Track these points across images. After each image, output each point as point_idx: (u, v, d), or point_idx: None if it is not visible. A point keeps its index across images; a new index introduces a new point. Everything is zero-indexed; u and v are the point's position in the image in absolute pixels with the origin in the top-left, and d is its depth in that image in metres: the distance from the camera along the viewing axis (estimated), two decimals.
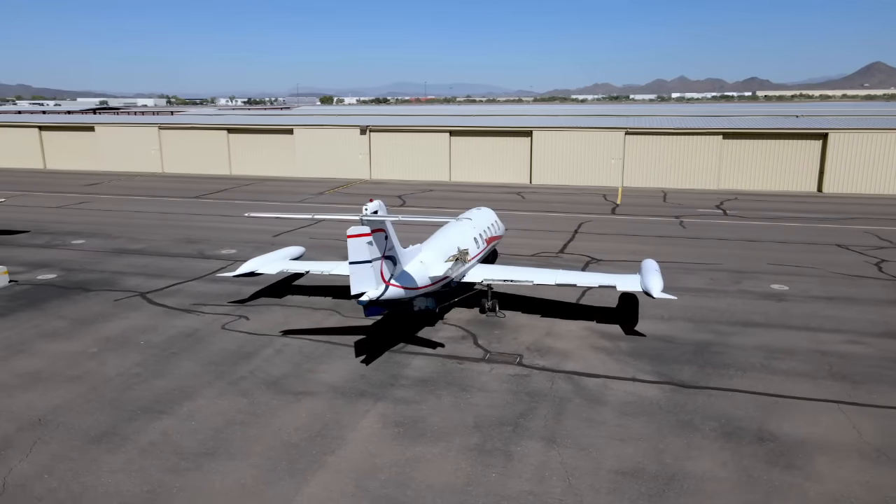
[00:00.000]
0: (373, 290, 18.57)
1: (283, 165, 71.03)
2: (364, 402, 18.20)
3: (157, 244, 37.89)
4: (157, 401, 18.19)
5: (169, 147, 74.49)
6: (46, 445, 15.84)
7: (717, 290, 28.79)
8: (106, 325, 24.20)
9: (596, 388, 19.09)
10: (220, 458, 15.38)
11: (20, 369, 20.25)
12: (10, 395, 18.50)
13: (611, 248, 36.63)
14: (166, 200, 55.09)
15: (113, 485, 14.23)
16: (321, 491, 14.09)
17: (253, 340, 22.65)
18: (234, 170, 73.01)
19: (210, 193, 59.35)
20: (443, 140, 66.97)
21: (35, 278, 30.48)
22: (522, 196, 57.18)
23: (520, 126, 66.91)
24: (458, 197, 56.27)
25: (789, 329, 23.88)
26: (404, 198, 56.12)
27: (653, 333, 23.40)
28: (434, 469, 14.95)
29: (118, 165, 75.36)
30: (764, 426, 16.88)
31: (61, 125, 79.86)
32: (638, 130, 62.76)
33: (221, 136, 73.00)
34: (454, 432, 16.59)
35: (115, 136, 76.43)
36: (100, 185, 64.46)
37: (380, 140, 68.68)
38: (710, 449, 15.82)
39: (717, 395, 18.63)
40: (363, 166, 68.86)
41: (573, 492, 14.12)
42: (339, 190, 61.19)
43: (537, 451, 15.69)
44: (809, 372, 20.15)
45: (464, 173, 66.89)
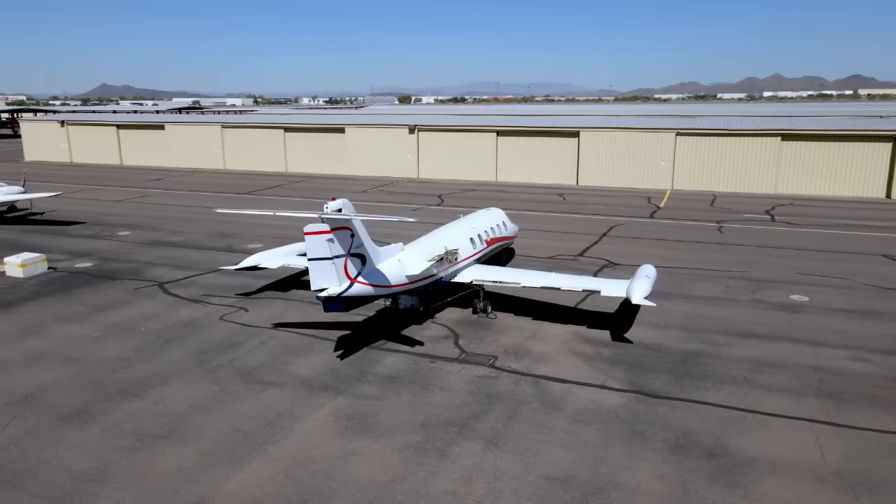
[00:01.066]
0: (334, 286, 19.06)
1: (335, 163, 72.94)
2: (325, 395, 18.73)
3: (192, 237, 39.93)
4: (135, 384, 19.37)
5: (230, 145, 77.94)
6: (23, 420, 17.22)
7: (728, 298, 27.65)
8: (118, 311, 25.84)
9: (559, 394, 18.86)
10: (171, 440, 16.26)
11: (28, 349, 22.00)
12: (10, 372, 20.16)
13: (634, 253, 35.71)
14: (218, 196, 57.73)
15: (66, 459, 15.35)
16: (251, 477, 14.69)
17: (244, 332, 23.63)
18: (289, 167, 75.57)
19: (261, 190, 61.76)
20: (489, 140, 66.94)
21: (72, 266, 32.83)
22: (564, 197, 56.42)
23: (567, 126, 65.97)
24: (498, 197, 56.11)
25: (791, 342, 22.70)
26: (443, 197, 56.53)
27: (641, 340, 22.80)
28: (366, 464, 15.27)
29: (185, 162, 79.54)
30: (721, 441, 16.24)
31: (136, 124, 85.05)
32: (689, 131, 60.64)
33: (278, 134, 75.72)
34: (399, 429, 16.84)
35: (182, 134, 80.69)
36: (163, 181, 68.29)
37: (428, 139, 69.39)
38: (654, 461, 15.39)
39: (682, 407, 18.03)
40: (411, 165, 69.77)
41: (494, 495, 14.11)
42: (382, 188, 62.30)
43: (474, 453, 15.73)
44: (794, 388, 19.15)
45: (510, 174, 66.62)
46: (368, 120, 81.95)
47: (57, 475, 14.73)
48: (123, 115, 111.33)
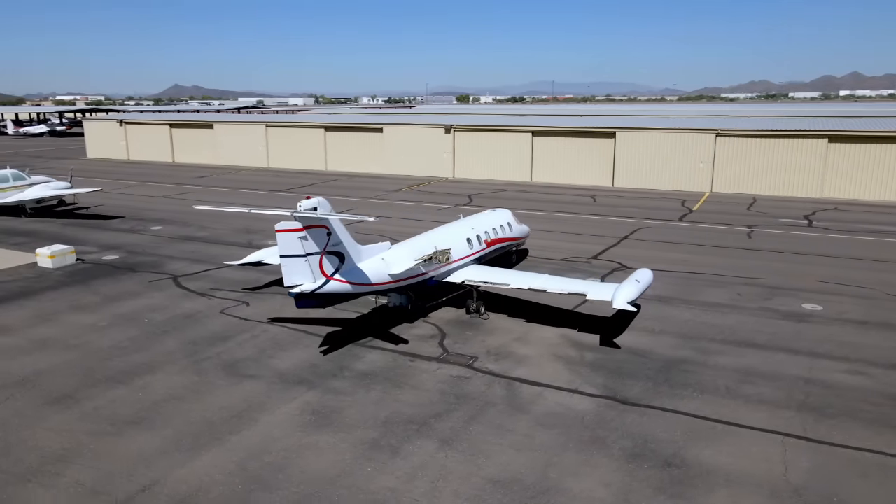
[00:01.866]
0: (308, 283, 19.49)
1: (373, 162, 73.94)
2: (298, 389, 19.19)
3: (218, 233, 41.33)
4: (124, 372, 20.32)
5: (274, 144, 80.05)
6: (14, 402, 18.34)
7: (736, 305, 26.76)
8: (128, 302, 27.08)
9: (529, 397, 18.75)
10: (141, 427, 17.03)
11: (36, 335, 23.36)
12: (13, 357, 21.46)
13: (650, 256, 34.93)
14: (256, 193, 59.46)
15: (41, 440, 16.29)
16: (205, 465, 15.24)
17: (239, 325, 24.39)
18: (329, 166, 77.05)
19: (298, 187, 63.26)
20: (525, 140, 66.52)
21: (100, 258, 34.53)
22: (595, 199, 55.57)
23: (603, 127, 64.88)
24: (528, 198, 55.82)
25: (788, 353, 21.84)
26: (473, 197, 56.56)
27: (630, 346, 22.38)
28: (317, 458, 15.61)
29: (231, 160, 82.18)
30: (681, 451, 15.85)
31: (187, 122, 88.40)
32: (730, 132, 58.70)
33: (319, 133, 77.31)
34: (360, 425, 17.11)
35: (229, 133, 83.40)
36: (207, 178, 70.79)
37: (463, 139, 69.51)
38: (605, 468, 15.16)
39: (652, 415, 17.66)
40: (447, 165, 70.05)
41: (433, 494, 14.21)
42: (416, 187, 62.80)
43: (426, 452, 15.86)
44: (776, 400, 18.46)
45: (545, 174, 66.03)
46: (407, 119, 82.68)
47: (28, 454, 15.66)
48: (176, 114, 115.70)
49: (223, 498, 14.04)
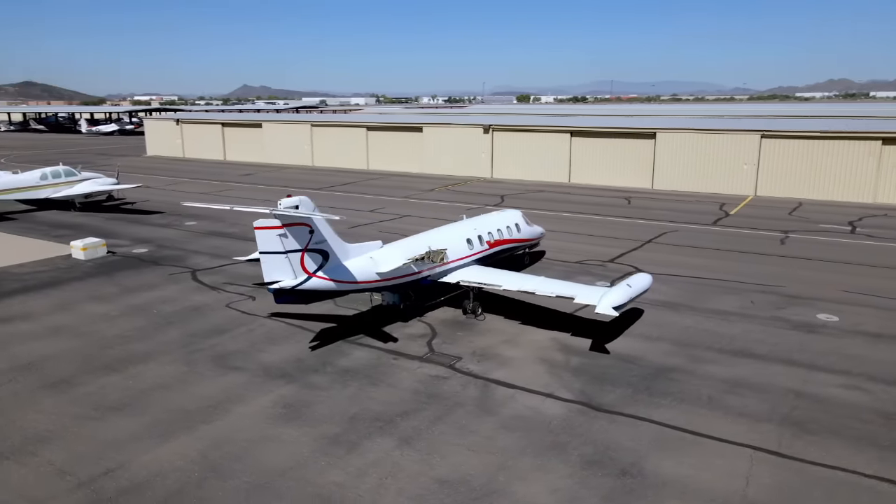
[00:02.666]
0: (289, 280, 19.96)
1: (413, 162, 74.56)
2: (277, 383, 19.70)
3: (247, 229, 42.48)
4: (121, 360, 21.33)
5: (319, 143, 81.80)
6: (14, 384, 19.54)
7: (745, 314, 25.84)
8: (144, 294, 28.34)
9: (501, 399, 18.68)
10: (122, 413, 17.87)
11: (51, 323, 24.77)
12: (25, 342, 22.84)
13: (669, 261, 34.07)
14: (296, 192, 60.84)
15: (28, 422, 17.32)
16: (169, 452, 15.88)
17: (240, 319, 25.18)
18: (371, 165, 78.14)
19: (336, 186, 64.50)
20: (563, 141, 65.75)
21: (130, 252, 36.22)
22: (629, 201, 54.44)
23: (643, 127, 63.43)
24: (561, 199, 55.22)
25: (787, 364, 20.97)
26: (505, 197, 56.33)
27: (620, 352, 21.96)
28: (276, 450, 16.03)
29: (278, 158, 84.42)
30: (641, 461, 15.51)
31: (238, 122, 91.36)
32: (776, 133, 56.43)
33: (361, 133, 78.52)
34: (326, 420, 17.45)
35: (276, 132, 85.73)
36: (252, 176, 73.00)
37: (502, 139, 69.27)
38: (558, 474, 15.00)
39: (621, 423, 17.33)
40: (485, 165, 69.96)
41: (378, 490, 14.40)
42: (450, 187, 63.01)
43: (383, 449, 16.05)
44: (758, 413, 17.79)
45: (583, 175, 65.06)
46: (447, 119, 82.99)
47: (13, 434, 16.69)
48: (228, 113, 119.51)
49: (177, 484, 14.61)
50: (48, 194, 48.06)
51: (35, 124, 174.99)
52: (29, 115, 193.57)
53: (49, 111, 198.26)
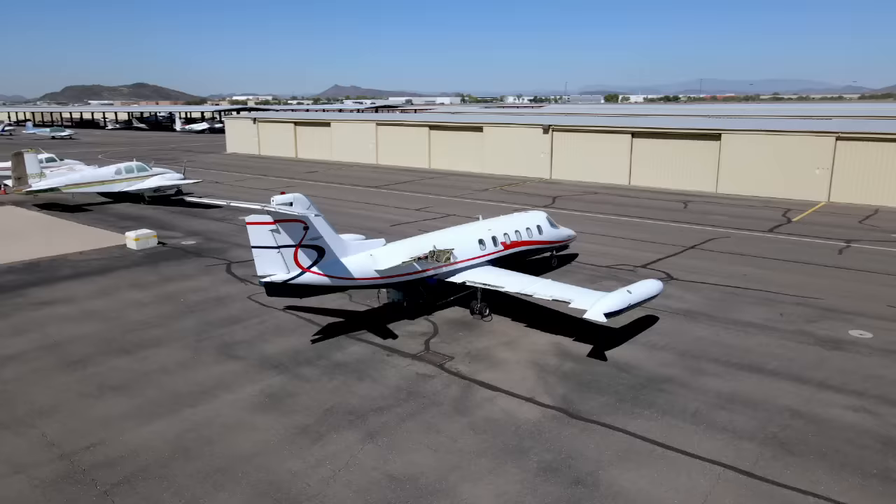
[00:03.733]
0: (281, 274, 20.64)
1: (472, 162, 74.73)
2: (270, 373, 20.48)
3: None
4: (136, 344, 22.78)
5: (383, 142, 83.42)
6: (37, 362, 21.28)
7: (769, 326, 24.48)
8: (177, 283, 30.05)
9: (479, 401, 18.64)
10: (121, 393, 19.11)
11: (88, 307, 26.74)
12: (60, 324, 24.78)
13: (708, 268, 32.65)
14: (352, 189, 62.56)
15: (37, 396, 18.85)
16: (150, 432, 16.87)
17: (256, 310, 26.24)
18: (433, 164, 78.91)
19: (393, 184, 65.61)
20: (623, 142, 64.02)
21: (179, 243, 38.40)
22: (686, 205, 52.41)
23: (709, 128, 60.81)
24: (615, 201, 53.90)
25: (795, 381, 19.77)
26: (557, 199, 55.55)
27: (618, 359, 21.38)
28: (246, 436, 16.71)
29: (345, 156, 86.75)
30: (599, 471, 15.13)
31: (308, 121, 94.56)
32: (853, 135, 52.71)
33: (424, 132, 79.43)
34: (302, 411, 18.01)
35: (344, 130, 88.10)
36: (316, 173, 75.39)
37: (562, 140, 68.25)
38: (509, 479, 14.88)
39: (593, 431, 16.93)
40: (544, 166, 69.17)
41: (327, 481, 14.78)
42: (505, 188, 62.73)
43: (346, 442, 16.42)
44: (744, 430, 16.91)
45: (644, 178, 63.13)
46: (507, 119, 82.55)
47: (20, 406, 18.23)
48: (301, 112, 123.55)
49: (147, 461, 15.54)
50: (122, 188, 51.64)
51: (137, 123, 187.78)
52: (133, 114, 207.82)
53: (150, 111, 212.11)
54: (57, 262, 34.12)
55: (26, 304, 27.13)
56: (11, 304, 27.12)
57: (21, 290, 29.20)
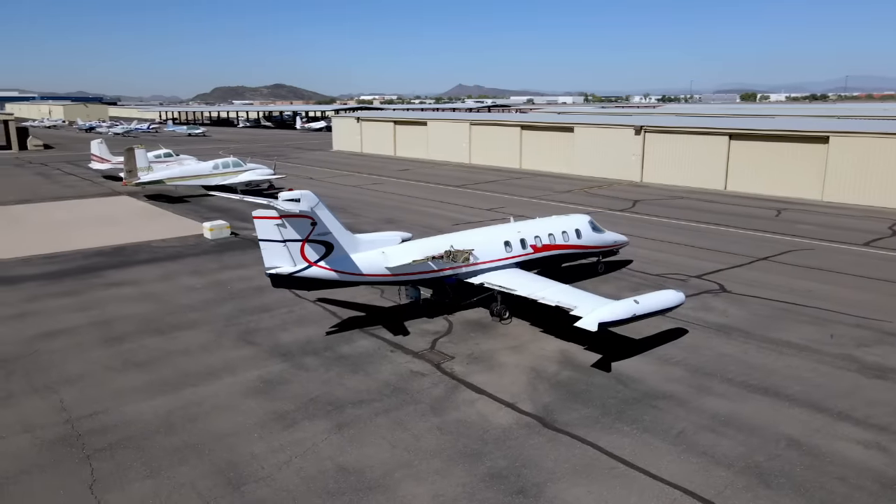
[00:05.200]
0: (287, 267, 21.58)
1: (562, 162, 73.38)
2: (274, 360, 21.56)
3: (361, 220, 45.79)
4: (172, 325, 24.75)
5: (476, 141, 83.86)
6: (84, 336, 23.71)
7: (810, 347, 22.46)
8: (232, 272, 32.16)
9: (458, 402, 18.64)
10: (140, 369, 20.91)
11: (147, 289, 29.34)
12: (117, 304, 27.39)
13: (770, 282, 30.26)
14: (433, 187, 63.58)
15: (69, 366, 21.03)
16: (148, 406, 18.38)
17: (289, 300, 27.54)
18: (523, 165, 78.30)
19: (479, 183, 65.92)
20: (720, 144, 60.25)
21: (251, 234, 40.84)
22: (779, 213, 48.57)
23: (815, 130, 55.86)
24: (699, 207, 51.05)
25: (811, 408, 18.09)
26: (639, 203, 53.42)
27: (623, 371, 20.52)
28: (228, 417, 17.77)
29: (440, 155, 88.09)
30: (548, 483, 14.76)
31: (407, 120, 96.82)
32: None
33: (515, 132, 78.97)
34: (287, 399, 18.84)
35: (439, 129, 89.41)
36: (407, 171, 77.16)
37: (654, 141, 65.39)
38: (453, 481, 14.87)
39: (560, 443, 16.47)
40: (634, 168, 66.61)
41: (280, 466, 15.47)
42: (589, 190, 61.12)
43: (314, 431, 17.04)
44: (724, 457, 15.78)
45: (742, 182, 59.09)
46: (598, 120, 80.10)
47: (53, 373, 20.48)
48: (401, 112, 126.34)
49: (134, 432, 16.98)
50: (218, 181, 55.77)
51: (264, 121, 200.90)
52: (261, 113, 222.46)
53: (277, 110, 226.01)
54: (140, 247, 37.62)
55: (98, 284, 30.24)
56: (87, 284, 30.34)
57: (100, 271, 32.55)
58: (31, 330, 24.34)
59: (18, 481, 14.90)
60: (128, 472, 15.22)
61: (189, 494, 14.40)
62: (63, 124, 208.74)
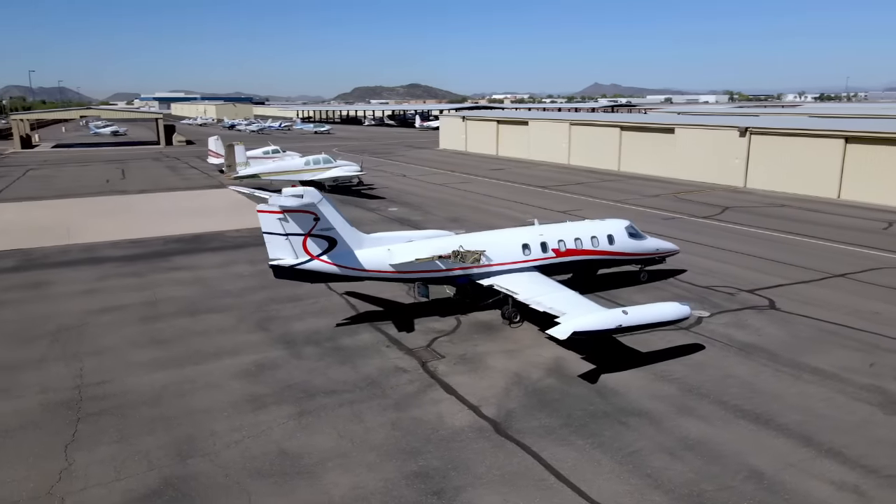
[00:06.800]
0: (289, 259, 22.62)
1: (662, 165, 69.96)
2: (278, 347, 22.79)
3: (430, 218, 46.58)
4: (205, 309, 26.83)
5: (576, 142, 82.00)
6: (126, 314, 26.32)
7: (839, 376, 20.26)
8: None
9: (426, 401, 18.80)
10: (159, 346, 22.94)
11: (200, 275, 31.92)
12: (170, 286, 30.09)
13: (833, 302, 27.41)
14: (518, 187, 63.17)
15: (99, 340, 23.47)
16: (147, 380, 20.14)
17: (318, 292, 28.66)
18: (622, 167, 75.55)
19: (564, 185, 64.63)
20: (834, 147, 54.78)
21: None
22: (889, 226, 43.44)
23: None
24: (799, 217, 46.89)
25: (800, 441, 16.45)
26: (729, 210, 49.92)
27: (608, 384, 19.70)
28: (210, 396, 19.11)
29: (540, 156, 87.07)
30: (468, 488, 14.67)
31: (509, 119, 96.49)
32: None
33: (615, 133, 76.32)
34: (269, 384, 19.90)
35: (540, 129, 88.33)
36: (501, 171, 77.04)
37: (761, 144, 60.64)
38: (378, 475, 15.16)
39: (502, 449, 16.23)
40: (738, 172, 62.16)
41: (231, 445, 16.48)
42: (679, 195, 57.89)
43: (276, 415, 17.94)
44: (668, 483, 14.83)
45: (860, 191, 53.20)
46: (701, 120, 75.18)
47: (86, 344, 23.00)
48: (500, 111, 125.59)
49: (124, 402, 18.76)
50: (308, 177, 58.96)
51: (388, 120, 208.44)
52: (385, 112, 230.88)
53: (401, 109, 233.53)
54: (215, 236, 40.83)
55: (163, 268, 33.33)
56: (153, 267, 33.54)
57: (170, 256, 35.83)
58: (90, 305, 27.42)
59: (13, 436, 17.03)
60: (102, 437, 16.91)
61: (140, 461, 15.78)
62: (212, 122, 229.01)
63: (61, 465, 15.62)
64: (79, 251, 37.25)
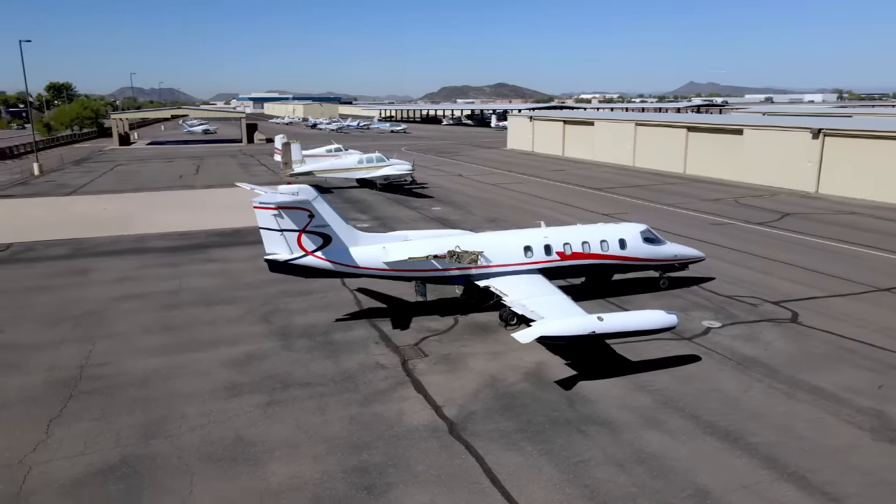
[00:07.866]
0: (284, 254, 23.30)
1: (729, 168, 66.66)
2: (273, 339, 23.61)
3: (469, 218, 46.60)
4: (220, 300, 28.13)
5: (641, 143, 79.46)
6: (147, 301, 27.97)
7: (838, 397, 18.92)
8: None
9: (393, 398, 19.02)
10: (166, 332, 24.30)
11: (226, 266, 33.43)
12: (195, 276, 31.70)
13: (863, 318, 25.47)
14: (568, 189, 62.03)
15: (115, 324, 25.11)
16: (143, 365, 21.39)
17: (330, 287, 29.25)
18: (688, 169, 72.59)
19: (618, 187, 62.85)
20: None
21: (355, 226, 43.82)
22: None
23: None
24: (858, 225, 43.68)
25: (764, 464, 15.55)
26: (786, 217, 47.06)
27: (582, 392, 19.26)
28: (195, 381, 20.09)
29: (605, 157, 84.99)
30: (400, 486, 14.83)
31: (576, 120, 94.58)
32: None
33: (681, 134, 73.38)
34: (251, 373, 20.69)
35: (605, 130, 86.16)
36: (561, 172, 75.81)
37: (837, 147, 56.68)
38: (319, 467, 15.55)
39: (448, 450, 16.27)
40: (810, 176, 58.38)
41: (195, 428, 17.31)
42: (740, 200, 55.00)
43: (248, 403, 18.65)
44: (605, 495, 14.44)
45: None
46: (772, 121, 70.77)
47: (102, 328, 24.66)
48: (567, 111, 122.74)
49: (116, 383, 20.03)
50: (361, 175, 60.36)
51: (465, 120, 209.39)
52: (464, 111, 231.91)
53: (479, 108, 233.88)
54: (253, 231, 42.08)
55: (197, 259, 35.16)
56: (188, 258, 35.44)
57: (208, 248, 37.72)
58: (118, 292, 29.36)
59: (10, 408, 18.59)
60: (84, 414, 18.17)
61: (110, 439, 16.86)
62: (298, 121, 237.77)
63: (40, 437, 16.93)
64: (129, 242, 39.86)
